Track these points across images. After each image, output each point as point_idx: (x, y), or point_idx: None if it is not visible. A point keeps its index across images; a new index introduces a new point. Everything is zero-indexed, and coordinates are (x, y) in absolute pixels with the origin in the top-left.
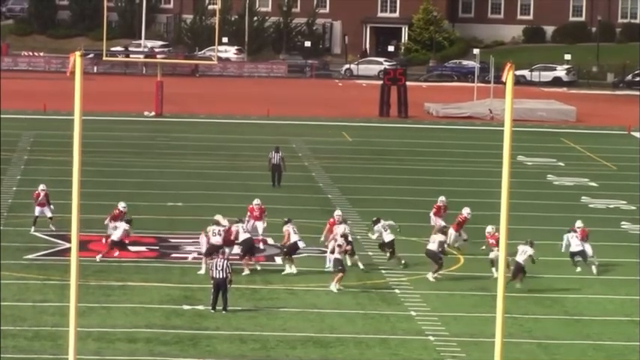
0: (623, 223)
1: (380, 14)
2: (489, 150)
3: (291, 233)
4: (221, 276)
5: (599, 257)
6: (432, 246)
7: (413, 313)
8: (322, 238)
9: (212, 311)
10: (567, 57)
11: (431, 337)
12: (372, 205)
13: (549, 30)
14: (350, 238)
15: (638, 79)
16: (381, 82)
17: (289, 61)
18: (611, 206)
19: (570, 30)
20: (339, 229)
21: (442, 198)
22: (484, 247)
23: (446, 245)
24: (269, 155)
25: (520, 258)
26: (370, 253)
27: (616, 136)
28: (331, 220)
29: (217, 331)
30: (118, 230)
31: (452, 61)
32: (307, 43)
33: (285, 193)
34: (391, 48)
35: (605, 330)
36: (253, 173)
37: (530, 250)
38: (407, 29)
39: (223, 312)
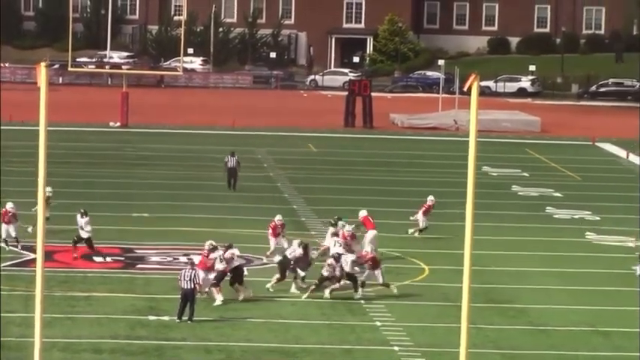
0: (587, 233)
1: (345, 25)
2: (454, 160)
3: (235, 258)
4: (189, 286)
5: (564, 268)
6: (346, 267)
7: (378, 324)
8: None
9: (177, 321)
10: (532, 68)
11: (396, 348)
12: (348, 216)
13: (514, 41)
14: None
15: (602, 89)
16: (346, 92)
17: (254, 72)
18: (576, 217)
19: (535, 41)
20: (331, 243)
21: (431, 197)
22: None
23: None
24: (225, 159)
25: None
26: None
27: (581, 147)
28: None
29: (183, 341)
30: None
31: (417, 72)
32: (272, 54)
33: (249, 204)
34: (356, 59)
35: (570, 340)
36: (219, 184)
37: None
38: (372, 40)
39: (189, 322)
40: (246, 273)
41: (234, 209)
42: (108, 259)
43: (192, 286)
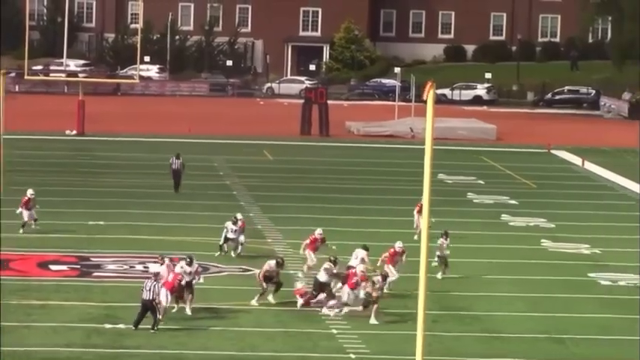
0: (542, 240)
1: (302, 33)
2: (410, 168)
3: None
4: (149, 297)
5: (519, 275)
6: (321, 276)
7: (334, 331)
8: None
9: (133, 329)
10: (488, 76)
11: (352, 355)
12: (294, 224)
13: (470, 49)
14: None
15: (558, 97)
16: (302, 100)
17: (211, 79)
18: (531, 224)
19: (491, 49)
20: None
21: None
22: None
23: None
24: (170, 161)
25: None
26: (292, 272)
27: (536, 154)
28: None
29: (138, 349)
30: None
31: (373, 80)
32: (229, 62)
33: (206, 212)
34: (313, 67)
35: (525, 347)
36: (177, 193)
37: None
38: (328, 48)
39: (151, 331)
40: (202, 281)
41: (191, 217)
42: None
43: (152, 296)
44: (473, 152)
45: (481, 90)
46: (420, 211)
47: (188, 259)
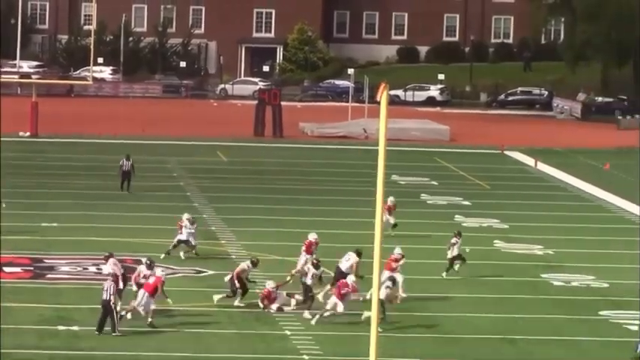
0: (495, 241)
1: (255, 34)
2: (364, 169)
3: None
4: (105, 297)
5: (472, 276)
6: (308, 280)
7: (288, 332)
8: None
9: (96, 333)
10: (441, 77)
11: (305, 357)
12: (247, 225)
13: (423, 50)
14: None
15: (511, 98)
16: (256, 101)
17: (164, 81)
18: (484, 225)
19: (444, 50)
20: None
21: (391, 198)
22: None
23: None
24: (120, 162)
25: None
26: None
27: (489, 155)
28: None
29: (92, 351)
30: None
31: (326, 81)
32: (182, 64)
33: (159, 213)
34: (266, 68)
35: (478, 348)
36: (130, 193)
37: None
38: (282, 49)
39: (113, 334)
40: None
41: (145, 219)
42: None
43: (108, 297)
44: (426, 153)
45: (434, 91)
46: (389, 211)
47: (148, 262)
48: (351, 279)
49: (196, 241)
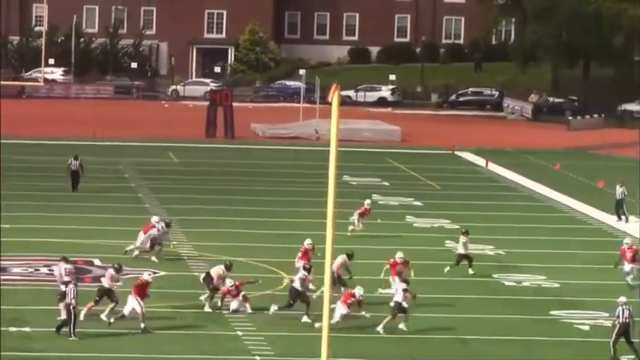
0: (447, 241)
1: (206, 35)
2: (315, 170)
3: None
4: (68, 301)
5: (424, 276)
6: (297, 285)
7: (239, 333)
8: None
9: (70, 338)
10: (392, 77)
11: (257, 357)
12: (200, 226)
13: (374, 50)
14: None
15: (461, 99)
16: (207, 102)
17: (116, 82)
18: (435, 225)
19: (395, 51)
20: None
21: (368, 201)
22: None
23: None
24: (68, 162)
25: (397, 297)
26: (196, 273)
27: (440, 156)
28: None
29: (44, 352)
30: None
31: (278, 82)
32: (134, 65)
33: (110, 214)
34: (218, 69)
35: (430, 348)
36: (80, 195)
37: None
38: (233, 50)
39: (71, 338)
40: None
41: (95, 220)
42: None
43: (70, 300)
44: (377, 154)
45: (385, 92)
46: (361, 213)
47: (117, 266)
48: (359, 292)
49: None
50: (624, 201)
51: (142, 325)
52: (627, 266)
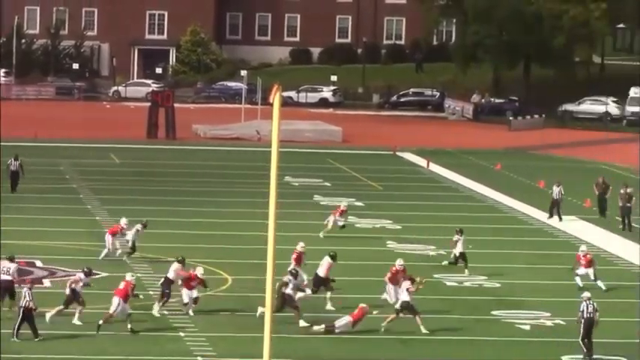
0: (388, 242)
1: (148, 36)
2: (257, 171)
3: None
4: (22, 304)
5: (366, 277)
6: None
7: (181, 334)
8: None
9: (12, 339)
10: (333, 78)
11: (199, 358)
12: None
13: (316, 51)
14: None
15: (403, 99)
16: (149, 104)
17: (57, 83)
18: (377, 226)
19: (336, 51)
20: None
21: (344, 203)
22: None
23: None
24: (8, 162)
25: (404, 296)
26: (139, 275)
27: (382, 157)
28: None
29: None
30: None
31: (219, 83)
32: (75, 66)
33: (51, 215)
34: (159, 70)
35: (371, 348)
36: (21, 196)
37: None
38: (174, 51)
39: (35, 340)
40: (49, 285)
41: (36, 221)
42: None
43: (25, 303)
44: (319, 154)
45: (327, 92)
46: (339, 213)
47: (87, 270)
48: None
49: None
50: (561, 200)
51: (129, 326)
52: (582, 270)
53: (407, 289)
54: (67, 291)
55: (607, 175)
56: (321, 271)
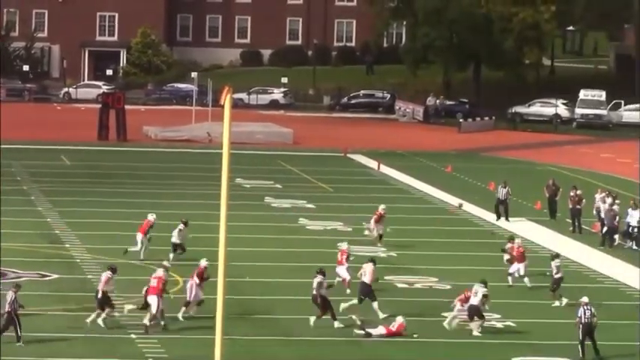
0: (339, 244)
1: (98, 38)
2: (208, 172)
3: None
4: (8, 309)
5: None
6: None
7: (133, 336)
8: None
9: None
10: (284, 80)
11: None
12: (93, 229)
13: (266, 53)
14: None
15: (353, 101)
16: (99, 105)
17: (8, 85)
18: (329, 228)
19: (287, 53)
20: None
21: (382, 206)
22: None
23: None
24: None
25: (474, 300)
26: (90, 277)
27: (332, 158)
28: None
29: None
30: None
31: (170, 85)
32: (26, 67)
33: (2, 217)
34: (110, 72)
35: (322, 350)
36: None
37: (482, 290)
38: (125, 53)
39: (18, 344)
40: None
41: None
42: None
43: (12, 308)
44: (270, 156)
45: (278, 94)
46: (377, 220)
47: (112, 267)
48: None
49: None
50: (509, 201)
51: (163, 322)
52: (514, 267)
53: (483, 296)
54: (99, 294)
55: (557, 177)
56: (367, 279)
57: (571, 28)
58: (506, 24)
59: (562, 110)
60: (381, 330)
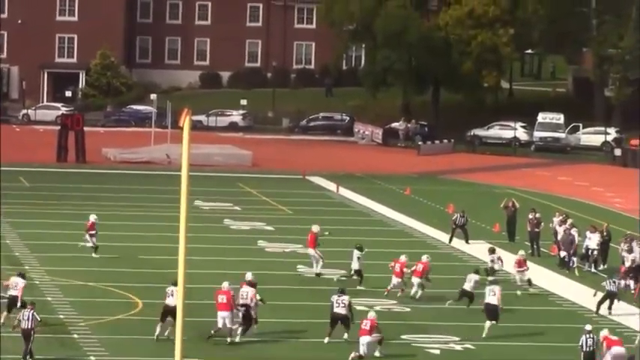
0: (299, 266)
1: (58, 59)
2: (167, 195)
3: None
4: (27, 326)
5: (277, 301)
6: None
7: (92, 358)
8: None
9: None
10: (243, 102)
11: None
12: (51, 251)
13: (225, 75)
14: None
15: (312, 123)
16: (58, 127)
17: None
18: (287, 250)
19: (246, 75)
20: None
21: (521, 252)
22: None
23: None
24: None
25: (467, 286)
26: (49, 299)
27: (291, 181)
28: None
29: None
30: None
31: (129, 107)
32: None
33: None
34: (69, 93)
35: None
36: None
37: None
38: (84, 74)
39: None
40: None
41: None
42: None
43: (31, 325)
44: (229, 178)
45: (237, 116)
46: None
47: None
48: (371, 315)
49: None
50: (466, 224)
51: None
52: (414, 279)
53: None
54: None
55: (516, 200)
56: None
57: (529, 51)
58: (465, 47)
59: (520, 133)
60: (366, 339)
